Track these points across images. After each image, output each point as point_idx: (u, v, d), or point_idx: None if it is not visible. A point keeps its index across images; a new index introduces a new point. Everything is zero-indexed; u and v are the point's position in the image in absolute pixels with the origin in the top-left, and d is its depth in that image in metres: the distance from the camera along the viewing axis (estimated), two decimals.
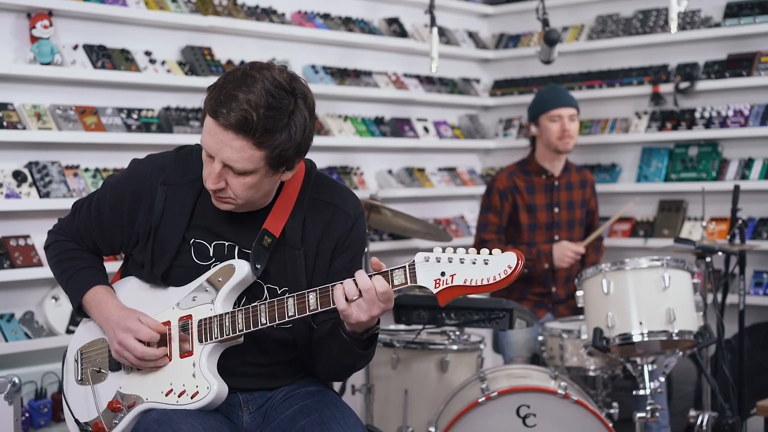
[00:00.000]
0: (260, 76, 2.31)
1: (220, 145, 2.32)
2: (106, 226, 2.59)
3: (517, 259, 2.19)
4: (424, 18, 4.88)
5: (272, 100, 2.30)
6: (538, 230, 4.55)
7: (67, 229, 2.67)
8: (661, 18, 5.36)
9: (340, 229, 2.53)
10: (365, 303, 2.29)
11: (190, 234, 2.51)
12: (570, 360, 3.90)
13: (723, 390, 3.82)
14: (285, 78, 2.35)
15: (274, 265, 2.49)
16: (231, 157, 2.32)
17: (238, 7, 4.68)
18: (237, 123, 2.28)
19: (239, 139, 2.30)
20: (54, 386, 4.03)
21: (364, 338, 2.42)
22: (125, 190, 2.56)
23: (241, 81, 2.31)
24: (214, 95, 2.32)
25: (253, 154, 2.32)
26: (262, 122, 2.29)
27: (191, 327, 2.45)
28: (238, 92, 2.29)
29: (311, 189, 2.55)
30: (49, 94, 4.07)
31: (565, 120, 4.50)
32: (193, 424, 2.35)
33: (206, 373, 2.42)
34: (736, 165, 5.07)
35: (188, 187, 2.51)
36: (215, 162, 2.35)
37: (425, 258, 2.26)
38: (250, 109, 2.27)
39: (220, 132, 2.31)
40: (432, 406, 3.70)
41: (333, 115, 5.12)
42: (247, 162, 2.33)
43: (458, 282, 2.22)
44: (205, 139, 2.36)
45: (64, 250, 2.64)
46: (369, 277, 2.29)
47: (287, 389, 2.58)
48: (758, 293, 4.92)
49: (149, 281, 2.55)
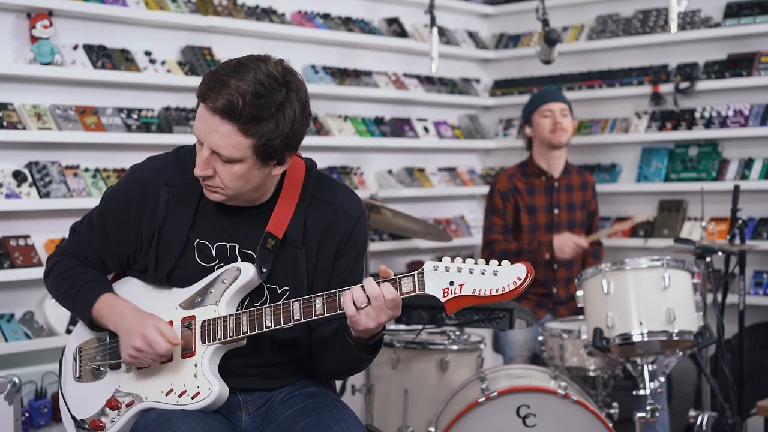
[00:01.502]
0: (254, 66, 2.32)
1: (207, 130, 2.33)
2: (112, 236, 2.56)
3: (527, 271, 2.20)
4: (424, 18, 4.88)
5: (261, 88, 2.30)
6: (538, 231, 4.55)
7: (68, 251, 2.62)
8: (661, 18, 5.36)
9: (342, 229, 2.53)
10: (374, 310, 2.29)
11: (194, 234, 2.51)
12: (570, 360, 3.90)
13: (723, 390, 3.82)
14: (279, 70, 2.35)
15: (276, 265, 2.49)
16: (218, 142, 2.33)
17: (238, 7, 4.68)
18: (223, 107, 2.29)
19: (225, 124, 2.31)
20: (54, 386, 4.03)
21: (370, 344, 2.42)
22: (130, 194, 2.54)
23: (234, 69, 2.32)
24: (206, 80, 2.34)
25: (239, 141, 2.32)
26: (248, 108, 2.29)
27: (194, 328, 2.45)
28: (229, 79, 2.30)
29: (312, 188, 2.55)
30: (49, 94, 4.07)
31: (556, 114, 4.53)
32: (191, 425, 2.34)
33: (208, 374, 2.41)
34: (736, 165, 5.07)
35: (190, 187, 2.51)
36: (204, 148, 2.36)
37: (434, 267, 2.26)
38: (237, 94, 2.28)
39: (208, 116, 2.32)
40: (432, 406, 3.70)
41: (333, 115, 5.12)
42: (233, 149, 2.33)
43: (467, 292, 2.22)
44: (195, 125, 2.38)
45: (67, 269, 2.58)
46: (377, 284, 2.29)
47: (287, 390, 2.57)
48: (758, 293, 4.92)
49: (152, 283, 2.55)
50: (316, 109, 5.06)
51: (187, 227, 2.49)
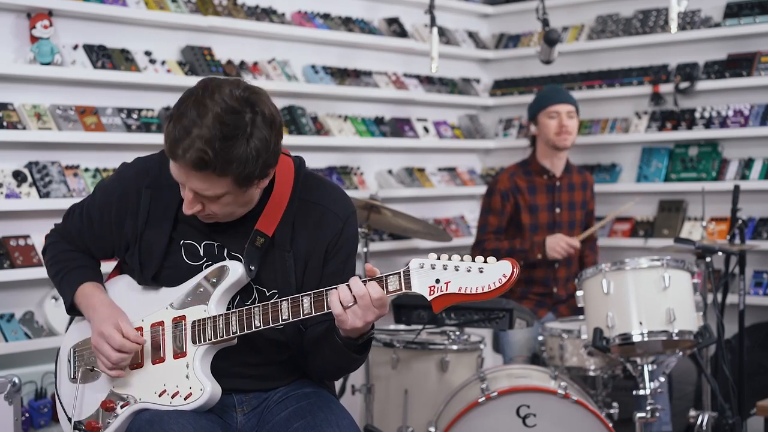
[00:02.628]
0: (211, 104, 2.26)
1: (184, 178, 2.33)
2: (96, 230, 2.60)
3: (512, 267, 2.20)
4: (424, 18, 4.88)
5: (225, 128, 2.25)
6: (539, 231, 4.55)
7: (62, 232, 2.69)
8: (661, 18, 5.36)
9: (331, 231, 2.52)
10: (360, 309, 2.29)
11: (179, 235, 2.51)
12: (570, 360, 3.90)
13: (723, 390, 3.82)
14: (238, 95, 2.29)
15: (264, 268, 2.49)
16: (198, 187, 2.33)
17: (238, 7, 4.68)
18: (194, 163, 2.26)
19: (201, 174, 2.29)
20: (54, 386, 4.02)
21: (359, 343, 2.42)
22: (113, 194, 2.56)
23: (194, 111, 2.26)
24: (169, 130, 2.29)
25: (220, 182, 2.31)
26: (220, 155, 2.25)
27: (185, 328, 2.45)
28: (192, 127, 2.25)
29: (300, 190, 2.53)
30: (49, 94, 4.07)
31: (563, 116, 4.52)
32: (183, 424, 2.34)
33: (199, 375, 2.41)
34: (736, 165, 5.07)
35: (173, 189, 2.48)
36: (186, 190, 2.36)
37: (420, 265, 2.25)
38: (204, 146, 2.24)
39: (182, 169, 2.31)
40: (432, 406, 3.70)
41: (333, 115, 5.12)
42: (216, 189, 2.32)
43: (453, 290, 2.22)
44: (171, 169, 2.35)
45: (59, 252, 2.66)
46: (363, 283, 2.29)
47: (283, 391, 2.57)
48: (758, 293, 4.92)
49: (142, 283, 2.56)
50: (316, 109, 5.05)
51: (168, 229, 2.50)
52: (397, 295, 2.30)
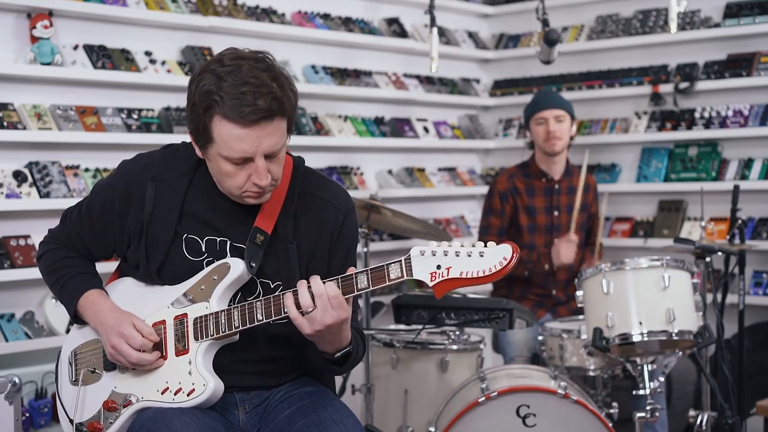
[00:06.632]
0: (242, 61, 2.33)
1: (257, 141, 2.32)
2: (97, 228, 2.59)
3: (512, 251, 2.20)
4: (424, 18, 4.88)
5: (271, 72, 2.34)
6: (537, 232, 4.55)
7: (58, 237, 2.67)
8: (660, 18, 5.36)
9: (332, 223, 2.54)
10: (319, 309, 2.31)
11: (182, 229, 2.51)
12: (570, 360, 3.90)
13: (723, 390, 3.82)
14: (253, 52, 2.40)
15: (267, 260, 2.50)
16: (271, 143, 2.34)
17: (238, 7, 4.68)
18: (268, 108, 2.30)
19: (272, 124, 2.32)
20: (54, 386, 4.03)
21: (336, 357, 2.44)
22: (115, 189, 2.56)
23: (236, 74, 2.31)
24: (229, 94, 2.30)
25: (283, 128, 2.37)
26: (283, 91, 2.33)
27: (187, 325, 2.46)
28: (247, 79, 2.30)
29: (300, 184, 2.56)
30: (49, 94, 4.07)
31: (550, 122, 4.51)
32: (186, 422, 2.35)
33: (202, 371, 2.42)
34: (735, 165, 5.07)
35: (177, 182, 2.51)
36: (256, 160, 2.35)
37: (421, 252, 2.27)
38: (270, 90, 2.30)
39: (255, 128, 2.31)
40: (432, 406, 3.70)
41: (333, 115, 5.12)
42: (282, 139, 2.37)
43: (454, 275, 2.23)
44: (231, 149, 2.33)
45: (56, 259, 2.63)
46: (323, 283, 2.32)
47: (286, 389, 2.57)
48: (758, 293, 4.92)
49: (145, 280, 2.56)
50: (316, 109, 5.06)
51: (174, 221, 2.50)
52: (398, 283, 2.31)
